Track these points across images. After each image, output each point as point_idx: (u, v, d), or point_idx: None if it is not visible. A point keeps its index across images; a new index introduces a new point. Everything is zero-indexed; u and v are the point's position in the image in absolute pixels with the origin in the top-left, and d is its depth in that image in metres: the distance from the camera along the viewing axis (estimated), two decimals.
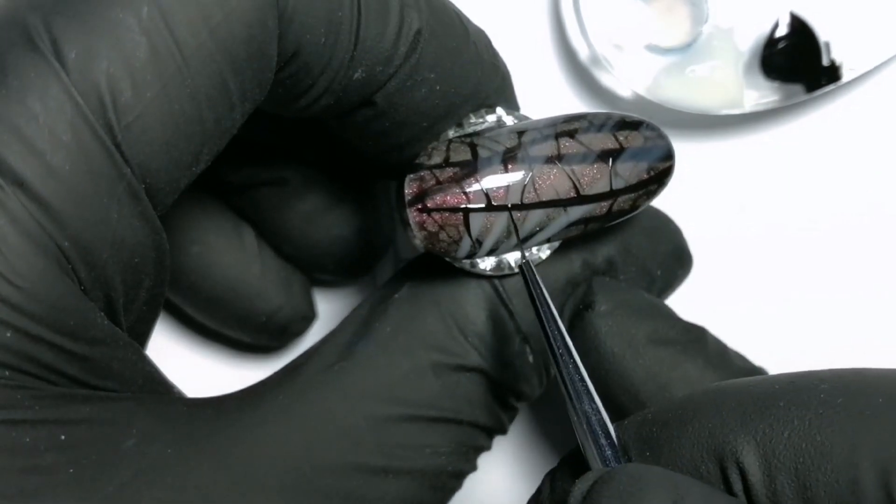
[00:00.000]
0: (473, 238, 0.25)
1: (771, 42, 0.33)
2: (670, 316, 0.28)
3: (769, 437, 0.21)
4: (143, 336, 0.26)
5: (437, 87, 0.25)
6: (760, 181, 0.35)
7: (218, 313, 0.33)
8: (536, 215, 0.25)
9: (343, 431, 0.24)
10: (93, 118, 0.21)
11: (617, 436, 0.23)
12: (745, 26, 0.33)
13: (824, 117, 0.34)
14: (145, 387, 0.24)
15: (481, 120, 0.26)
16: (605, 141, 0.26)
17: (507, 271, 0.26)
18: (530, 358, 0.27)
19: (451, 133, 0.26)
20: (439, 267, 0.27)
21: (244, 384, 0.26)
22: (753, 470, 0.21)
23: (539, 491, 0.25)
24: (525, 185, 0.25)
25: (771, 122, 0.34)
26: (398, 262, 0.35)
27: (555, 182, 0.25)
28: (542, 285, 0.24)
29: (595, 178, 0.25)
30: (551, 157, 0.25)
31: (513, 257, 0.26)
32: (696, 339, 0.27)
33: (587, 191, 0.25)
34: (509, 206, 0.25)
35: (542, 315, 0.24)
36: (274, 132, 0.31)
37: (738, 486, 0.21)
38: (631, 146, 0.26)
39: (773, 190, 0.34)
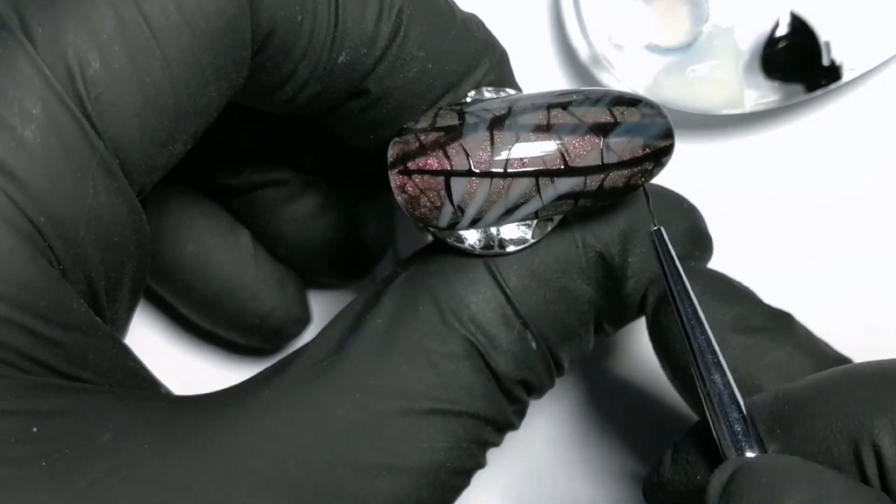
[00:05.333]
0: (455, 205, 0.24)
1: (771, 42, 0.33)
2: (757, 302, 0.27)
3: None
4: (121, 326, 0.25)
5: (430, 66, 0.25)
6: (760, 181, 0.34)
7: (211, 314, 0.33)
8: (521, 185, 0.24)
9: (331, 426, 0.23)
10: (62, 90, 0.21)
11: (748, 412, 0.23)
12: (745, 26, 0.33)
13: (824, 117, 0.34)
14: (125, 381, 0.23)
15: (480, 97, 0.26)
16: (599, 115, 0.24)
17: (496, 249, 0.25)
18: (533, 344, 0.25)
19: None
20: (435, 257, 0.26)
21: None
22: (890, 453, 0.20)
23: (660, 464, 0.25)
24: (510, 153, 0.24)
25: (771, 122, 0.34)
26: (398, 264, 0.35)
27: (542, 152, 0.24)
28: (671, 250, 0.24)
29: (585, 150, 0.24)
30: (540, 126, 0.24)
31: (503, 234, 0.25)
32: (784, 325, 0.26)
33: (576, 162, 0.24)
34: (492, 172, 0.24)
35: (671, 284, 0.24)
36: (271, 135, 0.31)
37: (872, 469, 0.21)
38: (626, 121, 0.25)
39: (773, 190, 0.34)
